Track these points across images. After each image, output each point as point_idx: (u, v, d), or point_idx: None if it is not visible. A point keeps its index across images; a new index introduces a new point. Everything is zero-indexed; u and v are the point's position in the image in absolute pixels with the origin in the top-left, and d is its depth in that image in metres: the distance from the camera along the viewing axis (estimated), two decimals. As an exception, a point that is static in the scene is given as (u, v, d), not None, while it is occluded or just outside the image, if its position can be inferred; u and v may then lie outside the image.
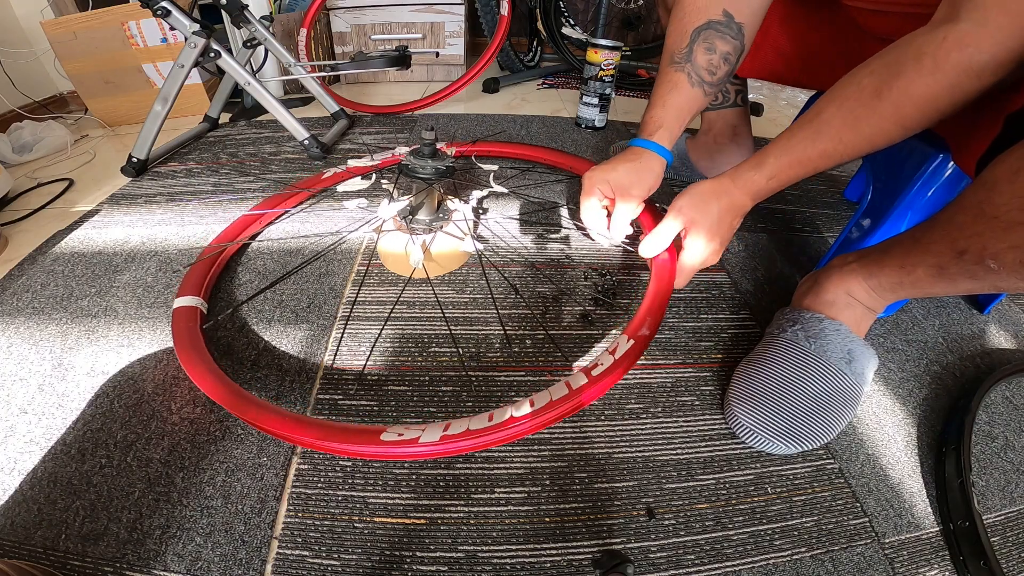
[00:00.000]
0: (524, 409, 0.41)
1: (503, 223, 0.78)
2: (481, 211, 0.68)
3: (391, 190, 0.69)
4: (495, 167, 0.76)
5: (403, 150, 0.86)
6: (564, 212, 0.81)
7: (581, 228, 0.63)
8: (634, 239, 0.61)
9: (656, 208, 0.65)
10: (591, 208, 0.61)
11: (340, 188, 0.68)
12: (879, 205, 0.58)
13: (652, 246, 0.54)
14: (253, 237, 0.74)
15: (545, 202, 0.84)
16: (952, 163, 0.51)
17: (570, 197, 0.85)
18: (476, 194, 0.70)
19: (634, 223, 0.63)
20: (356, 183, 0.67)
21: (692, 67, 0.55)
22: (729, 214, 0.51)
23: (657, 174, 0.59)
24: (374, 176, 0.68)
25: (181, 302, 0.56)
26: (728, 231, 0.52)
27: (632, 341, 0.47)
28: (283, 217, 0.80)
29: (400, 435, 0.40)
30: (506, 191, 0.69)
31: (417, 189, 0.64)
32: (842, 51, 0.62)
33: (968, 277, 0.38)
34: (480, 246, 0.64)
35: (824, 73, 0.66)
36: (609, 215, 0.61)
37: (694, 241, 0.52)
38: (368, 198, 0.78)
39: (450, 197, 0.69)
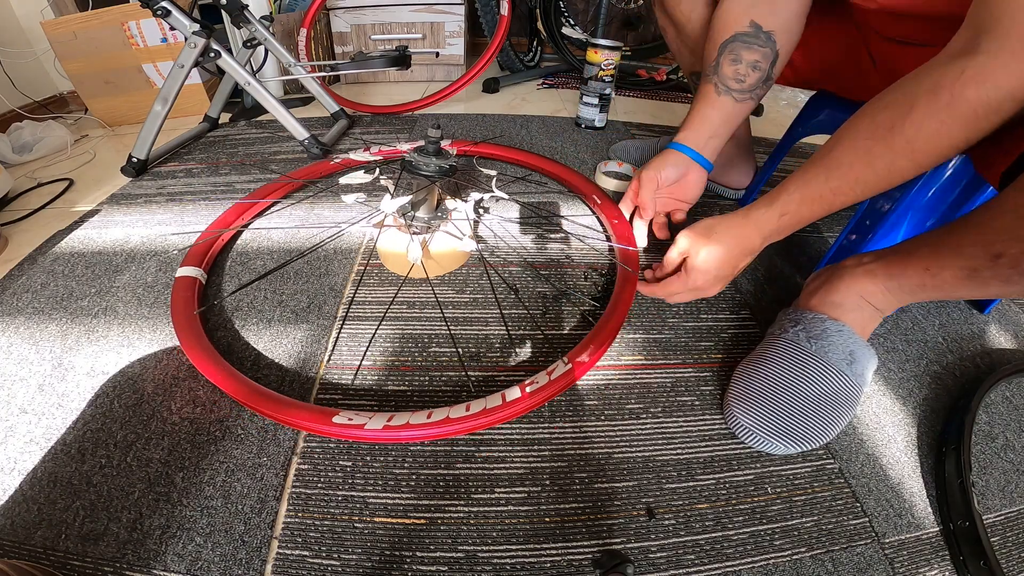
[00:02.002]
0: (460, 412, 0.46)
1: (503, 224, 0.78)
2: (482, 210, 0.68)
3: (390, 187, 0.69)
4: (495, 172, 0.76)
5: (404, 146, 0.86)
6: (568, 222, 0.81)
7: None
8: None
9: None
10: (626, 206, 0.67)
11: (342, 180, 0.68)
12: (880, 206, 0.58)
13: (660, 280, 0.58)
14: (247, 224, 0.75)
15: (544, 209, 0.84)
16: (952, 164, 0.51)
17: (567, 208, 0.85)
18: (476, 195, 0.70)
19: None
20: (358, 176, 0.67)
21: (719, 78, 0.59)
22: (735, 254, 0.51)
23: (680, 164, 0.63)
24: (377, 171, 0.68)
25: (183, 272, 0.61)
26: (731, 270, 0.53)
27: (570, 365, 0.50)
28: (281, 205, 0.80)
29: (349, 419, 0.45)
30: (507, 196, 0.69)
31: (418, 187, 0.64)
32: (849, 54, 0.62)
33: (1002, 281, 0.38)
34: (478, 245, 0.64)
35: (834, 75, 0.66)
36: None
37: (692, 274, 0.53)
38: (367, 193, 0.78)
39: (448, 197, 0.69)
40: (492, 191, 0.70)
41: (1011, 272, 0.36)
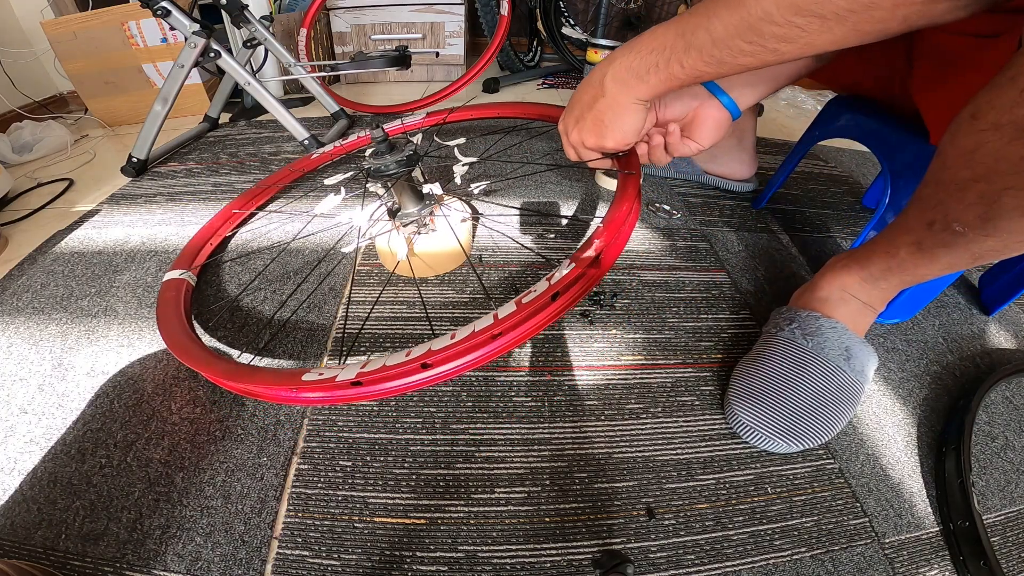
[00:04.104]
0: (444, 342, 0.38)
1: (494, 201, 0.77)
2: (467, 186, 0.68)
3: (381, 193, 0.69)
4: (461, 140, 0.75)
5: (363, 133, 0.86)
6: (553, 163, 0.81)
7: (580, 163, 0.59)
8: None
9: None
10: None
11: (316, 210, 0.67)
12: (897, 210, 0.57)
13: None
14: (228, 238, 0.75)
15: (517, 163, 0.84)
16: None
17: (540, 153, 0.84)
18: (458, 170, 0.70)
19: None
20: (330, 201, 0.66)
21: None
22: (584, 83, 0.47)
23: (695, 94, 0.52)
24: (343, 191, 0.68)
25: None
26: (579, 102, 0.48)
27: (573, 264, 0.40)
28: (255, 219, 0.80)
29: (320, 375, 0.39)
30: (476, 159, 0.69)
31: (396, 190, 0.64)
32: (885, 49, 0.61)
33: (944, 248, 0.39)
34: (470, 214, 0.64)
35: (845, 74, 0.65)
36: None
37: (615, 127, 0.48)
38: (344, 211, 0.77)
39: (424, 183, 0.68)
40: (459, 159, 0.69)
41: (945, 235, 0.38)
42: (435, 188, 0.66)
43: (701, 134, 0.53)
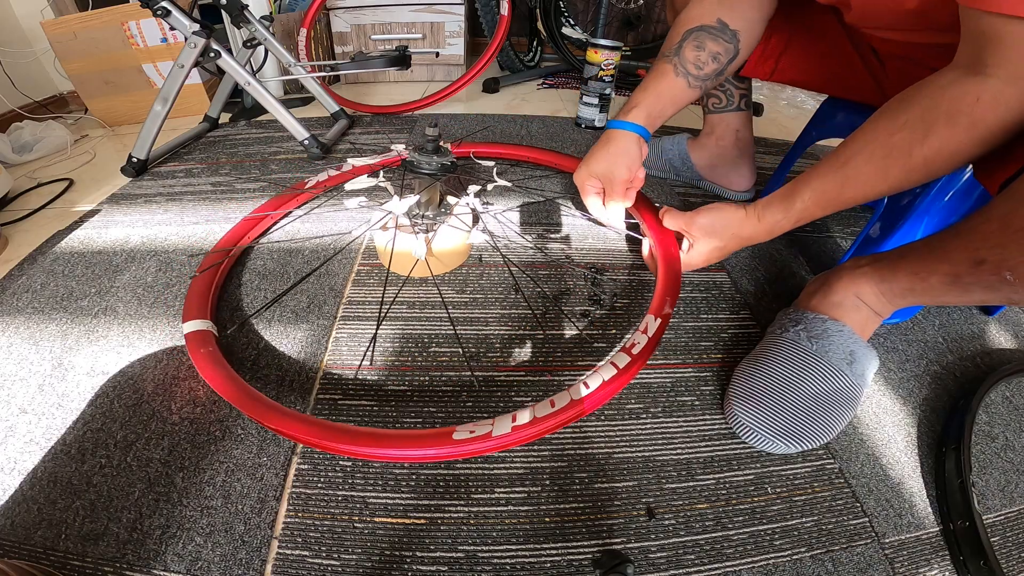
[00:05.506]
0: (582, 391, 0.45)
1: (505, 218, 0.78)
2: (485, 203, 0.69)
3: (391, 190, 0.69)
4: (492, 163, 0.77)
5: (400, 147, 0.87)
6: (571, 208, 0.81)
7: (594, 220, 0.70)
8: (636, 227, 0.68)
9: (648, 201, 0.69)
10: (594, 204, 0.66)
11: (347, 186, 0.68)
12: (895, 210, 0.57)
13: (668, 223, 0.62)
14: (256, 239, 0.75)
15: (545, 196, 0.84)
16: (968, 170, 0.51)
17: (566, 190, 0.85)
18: (475, 187, 0.71)
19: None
20: (363, 181, 0.67)
21: (679, 59, 0.60)
22: (739, 245, 0.56)
23: (632, 151, 0.62)
24: (380, 174, 0.69)
25: (190, 327, 0.54)
26: (727, 254, 0.58)
27: (659, 320, 0.51)
28: (286, 219, 0.80)
29: (472, 432, 0.42)
30: (510, 184, 0.70)
31: (419, 186, 0.64)
32: (850, 64, 0.63)
33: (983, 288, 0.38)
34: (487, 237, 0.65)
35: (842, 83, 0.67)
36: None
37: (695, 252, 0.58)
38: (369, 197, 0.78)
39: (451, 194, 0.69)
40: (495, 181, 0.70)
41: (992, 278, 0.37)
42: (476, 202, 0.67)
43: (640, 169, 0.64)
